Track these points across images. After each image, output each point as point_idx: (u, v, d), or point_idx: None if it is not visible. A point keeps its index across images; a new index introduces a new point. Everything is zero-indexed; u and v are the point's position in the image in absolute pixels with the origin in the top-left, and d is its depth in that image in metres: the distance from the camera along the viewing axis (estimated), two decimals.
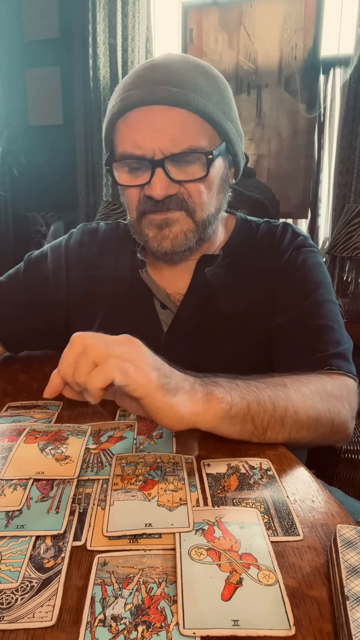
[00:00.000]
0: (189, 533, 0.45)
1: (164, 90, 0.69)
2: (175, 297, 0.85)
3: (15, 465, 0.55)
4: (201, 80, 0.72)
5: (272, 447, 0.61)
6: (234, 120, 0.78)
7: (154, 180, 0.71)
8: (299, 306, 0.80)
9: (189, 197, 0.74)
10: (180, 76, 0.71)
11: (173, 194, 0.73)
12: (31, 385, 0.81)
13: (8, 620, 0.37)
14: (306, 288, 0.81)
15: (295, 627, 0.36)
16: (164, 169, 0.71)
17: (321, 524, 0.47)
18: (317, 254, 0.86)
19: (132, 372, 0.51)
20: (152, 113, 0.70)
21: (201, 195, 0.74)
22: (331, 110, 2.58)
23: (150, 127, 0.71)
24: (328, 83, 2.56)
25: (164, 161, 0.70)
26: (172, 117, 0.70)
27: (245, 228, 0.89)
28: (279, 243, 0.85)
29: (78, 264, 0.90)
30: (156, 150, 0.70)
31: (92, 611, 0.37)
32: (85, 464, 0.56)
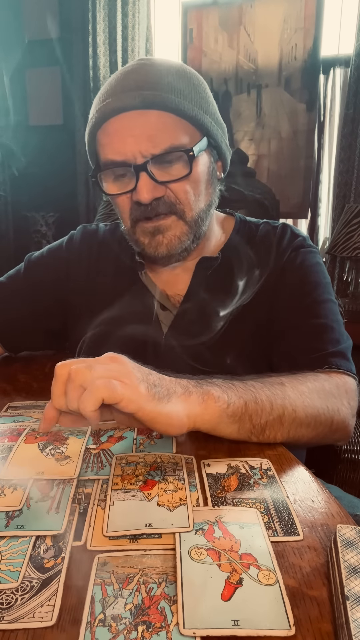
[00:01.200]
0: (189, 533, 0.45)
1: (136, 95, 0.70)
2: (174, 299, 0.85)
3: (15, 466, 0.55)
4: (174, 80, 0.73)
5: (272, 447, 0.61)
6: (213, 114, 0.78)
7: (139, 185, 0.72)
8: (298, 306, 0.80)
9: (176, 199, 0.74)
10: (151, 79, 0.72)
11: (160, 197, 0.73)
12: (31, 385, 0.81)
13: (8, 620, 0.37)
14: (305, 288, 0.81)
15: (295, 627, 0.36)
16: (148, 172, 0.71)
17: (321, 524, 0.47)
18: (316, 254, 0.86)
19: (120, 389, 0.51)
20: (129, 118, 0.71)
21: (188, 194, 0.75)
22: (331, 110, 2.57)
23: (128, 132, 0.71)
24: (328, 83, 2.56)
25: (147, 164, 0.71)
26: (149, 120, 0.71)
27: (244, 229, 0.89)
28: (278, 243, 0.85)
29: (78, 265, 0.90)
30: (137, 155, 0.71)
31: (92, 611, 0.37)
32: (85, 464, 0.56)
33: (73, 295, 0.89)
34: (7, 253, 3.37)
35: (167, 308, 0.84)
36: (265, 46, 2.61)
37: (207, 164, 0.78)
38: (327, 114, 2.59)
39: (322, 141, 2.62)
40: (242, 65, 2.67)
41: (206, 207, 0.79)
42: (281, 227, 0.88)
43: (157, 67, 0.74)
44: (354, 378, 0.75)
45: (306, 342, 0.77)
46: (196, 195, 0.76)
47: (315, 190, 2.67)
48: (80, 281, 0.89)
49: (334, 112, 2.57)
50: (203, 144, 0.75)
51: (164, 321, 0.84)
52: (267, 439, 0.62)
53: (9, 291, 0.90)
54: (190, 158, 0.72)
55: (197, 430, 0.58)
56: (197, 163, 0.74)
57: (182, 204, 0.75)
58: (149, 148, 0.70)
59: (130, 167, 0.72)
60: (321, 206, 2.68)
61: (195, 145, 0.73)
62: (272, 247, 0.85)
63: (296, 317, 0.79)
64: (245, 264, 0.84)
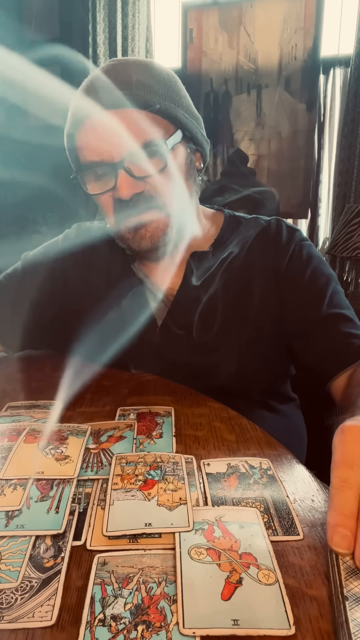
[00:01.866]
0: (189, 533, 0.45)
1: (107, 96, 0.72)
2: (168, 292, 0.86)
3: (15, 465, 0.55)
4: (142, 77, 0.74)
5: (272, 447, 0.61)
6: (186, 106, 0.79)
7: (118, 182, 0.73)
8: (319, 302, 0.80)
9: (155, 192, 0.76)
10: (119, 79, 0.73)
11: (140, 192, 0.75)
12: (31, 385, 0.81)
13: (8, 620, 0.37)
14: (320, 282, 0.82)
15: (295, 626, 0.36)
16: (125, 169, 0.73)
17: (321, 524, 0.47)
18: (312, 246, 0.88)
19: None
20: (101, 119, 0.73)
21: (166, 187, 0.76)
22: (331, 110, 2.58)
23: (102, 132, 0.73)
24: (328, 83, 2.56)
25: (123, 162, 0.72)
26: (121, 118, 0.72)
27: (234, 223, 0.90)
28: (276, 238, 0.86)
29: (73, 262, 0.91)
30: (113, 153, 0.73)
31: (91, 611, 0.37)
32: (85, 463, 0.56)
33: (69, 291, 0.90)
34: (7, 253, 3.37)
35: (162, 301, 0.85)
36: (265, 46, 2.61)
37: (183, 155, 0.79)
38: (327, 114, 2.59)
39: (322, 141, 2.62)
40: (242, 65, 2.67)
41: (186, 198, 0.80)
42: (275, 222, 0.89)
43: (127, 66, 0.76)
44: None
45: (337, 335, 0.78)
46: (175, 187, 0.77)
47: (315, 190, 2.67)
48: (76, 278, 0.90)
49: (334, 112, 2.58)
50: (177, 136, 0.77)
51: (158, 315, 0.85)
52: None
53: (7, 290, 0.91)
54: (165, 151, 0.74)
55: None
56: (174, 155, 0.76)
57: (162, 196, 0.76)
58: (124, 146, 0.72)
59: (108, 166, 0.73)
60: (321, 206, 2.68)
61: (169, 139, 0.75)
62: (271, 243, 0.86)
63: (320, 313, 0.79)
64: (237, 258, 0.85)
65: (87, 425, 0.65)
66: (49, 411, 0.71)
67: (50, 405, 0.73)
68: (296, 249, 0.84)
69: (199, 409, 0.70)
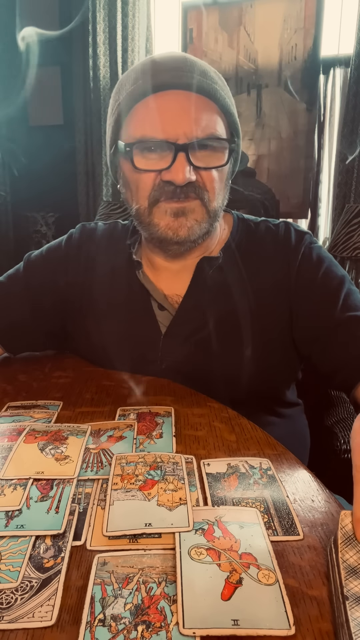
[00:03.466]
0: (189, 533, 0.45)
1: (190, 76, 0.70)
2: (173, 299, 0.84)
3: (15, 465, 0.55)
4: (214, 75, 0.75)
5: (272, 447, 0.61)
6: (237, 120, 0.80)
7: (176, 166, 0.70)
8: (333, 306, 0.78)
9: (204, 186, 0.74)
10: (201, 66, 0.73)
11: (192, 181, 0.73)
12: (31, 385, 0.81)
13: (8, 620, 0.37)
14: (333, 284, 0.80)
15: (295, 626, 0.36)
16: (187, 155, 0.70)
17: (321, 524, 0.47)
18: (321, 247, 0.86)
19: None
20: (179, 97, 0.71)
21: (215, 185, 0.75)
22: (331, 110, 2.58)
23: (177, 110, 0.70)
24: (328, 83, 2.56)
25: (188, 146, 0.70)
26: (198, 103, 0.71)
27: (243, 227, 0.88)
28: (286, 242, 0.84)
29: (77, 264, 0.90)
30: (180, 135, 0.70)
31: (91, 611, 0.37)
32: (85, 463, 0.56)
33: (72, 294, 0.89)
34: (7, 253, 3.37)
35: (166, 308, 0.83)
36: (265, 46, 2.61)
37: (230, 162, 0.78)
38: (327, 114, 2.59)
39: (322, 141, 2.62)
40: (242, 65, 2.67)
41: (223, 204, 0.80)
42: (284, 225, 0.87)
43: (200, 60, 0.75)
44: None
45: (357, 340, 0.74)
46: (220, 189, 0.77)
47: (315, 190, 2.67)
48: (79, 280, 0.89)
49: (334, 112, 2.57)
50: (236, 142, 0.77)
51: (162, 322, 0.83)
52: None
53: (9, 291, 0.90)
54: (231, 150, 0.74)
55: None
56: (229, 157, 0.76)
57: (209, 191, 0.75)
58: (194, 131, 0.70)
59: (171, 146, 0.70)
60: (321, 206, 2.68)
61: (234, 140, 0.76)
62: (280, 247, 0.83)
63: (336, 316, 0.77)
64: (248, 263, 0.83)
65: (87, 425, 0.65)
66: (49, 411, 0.71)
67: (50, 405, 0.73)
68: (306, 252, 0.82)
69: (199, 409, 0.70)
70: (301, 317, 0.80)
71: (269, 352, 0.81)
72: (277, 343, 0.82)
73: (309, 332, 0.79)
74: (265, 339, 0.80)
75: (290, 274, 0.81)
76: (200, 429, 0.65)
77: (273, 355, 0.81)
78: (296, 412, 0.92)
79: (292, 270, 0.81)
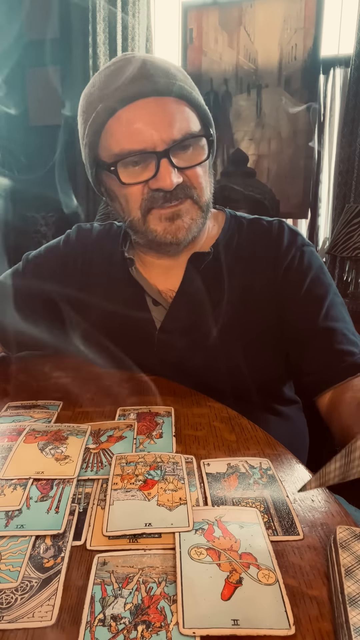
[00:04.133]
0: (189, 533, 0.45)
1: (153, 81, 0.70)
2: (167, 294, 0.85)
3: (15, 465, 0.55)
4: (174, 70, 0.74)
5: (272, 447, 0.61)
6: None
7: (162, 172, 0.71)
8: (315, 311, 0.79)
9: (191, 184, 0.75)
10: (159, 68, 0.72)
11: (180, 183, 0.73)
12: (31, 385, 0.81)
13: (8, 619, 0.37)
14: (319, 292, 0.81)
15: (295, 626, 0.36)
16: (169, 159, 0.71)
17: (321, 524, 0.47)
18: (314, 251, 0.86)
19: None
20: (148, 105, 0.71)
21: (202, 180, 0.76)
22: (331, 110, 2.57)
23: (149, 118, 0.70)
24: (328, 83, 2.55)
25: (168, 151, 0.71)
26: (167, 106, 0.71)
27: (235, 224, 0.89)
28: (278, 241, 0.85)
29: (74, 263, 0.91)
30: (158, 142, 0.70)
31: (91, 611, 0.37)
32: (85, 463, 0.56)
33: (70, 293, 0.90)
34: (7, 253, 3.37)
35: (160, 303, 0.85)
36: (265, 46, 2.60)
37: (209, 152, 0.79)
38: (327, 114, 2.59)
39: (322, 141, 2.62)
40: (242, 65, 2.66)
41: (211, 195, 0.80)
42: (277, 224, 0.88)
43: (154, 58, 0.75)
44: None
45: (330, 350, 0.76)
46: (206, 182, 0.77)
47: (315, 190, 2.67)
48: (76, 279, 0.90)
49: (334, 112, 2.57)
50: (212, 132, 0.77)
51: (156, 317, 0.85)
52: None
53: (7, 290, 0.91)
54: (210, 142, 0.75)
55: None
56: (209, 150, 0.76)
57: (196, 188, 0.75)
58: (170, 134, 0.71)
59: (152, 154, 0.71)
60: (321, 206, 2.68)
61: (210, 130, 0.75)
62: (271, 245, 0.85)
63: (317, 323, 0.78)
64: (238, 259, 0.84)
65: (87, 425, 0.65)
66: (49, 411, 0.71)
67: (50, 405, 0.73)
68: (297, 255, 0.83)
69: (199, 409, 0.70)
70: (286, 318, 0.82)
71: (261, 345, 0.82)
72: (269, 336, 0.83)
73: (290, 331, 0.81)
74: (256, 332, 0.82)
75: (278, 274, 0.82)
76: (200, 429, 0.65)
77: (264, 349, 0.83)
78: (295, 411, 0.93)
79: (280, 272, 0.82)
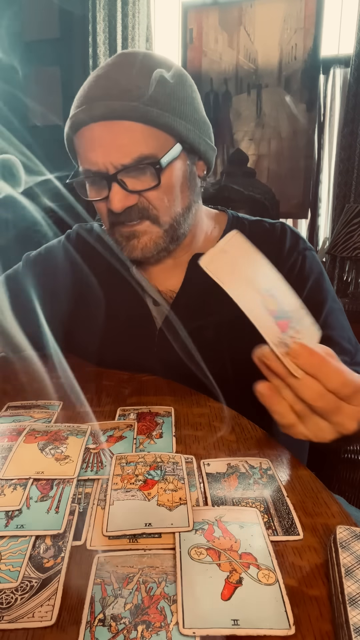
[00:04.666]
0: (189, 532, 0.45)
1: (103, 105, 0.69)
2: (167, 294, 0.86)
3: (15, 465, 0.55)
4: (144, 84, 0.70)
5: (272, 447, 0.61)
6: (189, 115, 0.75)
7: (111, 195, 0.72)
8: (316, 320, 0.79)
9: (148, 205, 0.74)
10: (120, 86, 0.70)
11: (132, 205, 0.73)
12: (31, 385, 0.81)
13: (8, 620, 0.37)
14: (317, 298, 0.81)
15: (295, 626, 0.36)
16: (119, 182, 0.71)
17: (321, 524, 0.47)
18: (315, 256, 0.87)
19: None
20: (98, 129, 0.71)
21: (161, 202, 0.75)
22: (331, 110, 2.57)
23: (98, 143, 0.71)
24: (328, 83, 2.56)
25: (117, 175, 0.71)
26: (117, 131, 0.70)
27: (237, 224, 0.89)
28: (280, 244, 0.85)
29: (74, 263, 0.92)
30: (108, 165, 0.71)
31: (91, 611, 0.37)
32: (85, 463, 0.56)
33: (70, 292, 0.91)
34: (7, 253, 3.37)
35: (160, 304, 0.85)
36: (265, 46, 2.61)
37: (181, 168, 0.76)
38: (327, 114, 2.59)
39: (322, 141, 2.62)
40: (242, 65, 2.66)
41: (184, 210, 0.79)
42: (280, 226, 0.88)
43: (129, 68, 0.72)
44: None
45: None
46: (170, 201, 0.76)
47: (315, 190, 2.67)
48: (76, 279, 0.91)
49: (334, 112, 2.57)
50: (175, 150, 0.74)
51: (157, 317, 0.85)
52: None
53: (7, 290, 0.91)
54: (158, 170, 0.72)
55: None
56: (170, 171, 0.74)
57: (156, 209, 0.75)
58: (119, 158, 0.70)
59: (104, 178, 0.72)
60: (321, 206, 2.68)
61: (165, 155, 0.72)
62: (274, 249, 0.84)
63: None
64: None
65: (87, 425, 0.65)
66: (49, 411, 0.71)
67: (50, 405, 0.73)
68: (298, 260, 0.83)
69: (199, 409, 0.70)
70: None
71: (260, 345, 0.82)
72: None
73: None
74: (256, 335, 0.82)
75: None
76: (200, 429, 0.65)
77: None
78: None
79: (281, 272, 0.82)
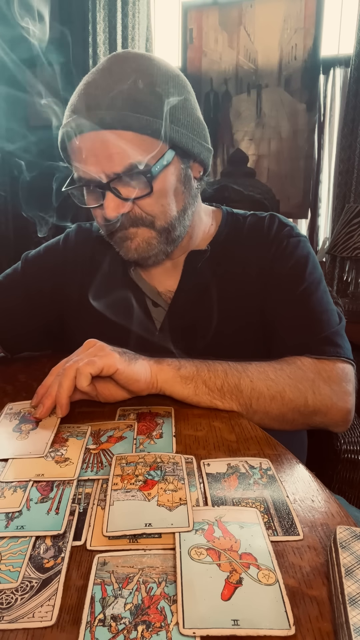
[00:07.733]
0: (189, 533, 0.45)
1: (93, 115, 0.70)
2: (166, 295, 0.86)
3: (15, 468, 0.55)
4: (134, 91, 0.70)
5: (272, 447, 0.61)
6: (181, 119, 0.74)
7: (105, 203, 0.73)
8: (287, 298, 0.81)
9: (141, 212, 0.75)
10: (109, 95, 0.70)
11: (127, 212, 0.74)
12: (31, 385, 0.80)
13: (8, 620, 0.37)
14: (295, 279, 0.82)
15: (295, 626, 0.36)
16: (112, 191, 0.72)
17: (321, 524, 0.47)
18: (305, 242, 0.86)
19: (99, 361, 0.63)
20: (88, 139, 0.71)
21: (155, 208, 0.75)
22: (331, 110, 2.57)
23: (89, 152, 0.71)
24: (328, 83, 2.55)
25: (110, 184, 0.72)
26: (107, 140, 0.70)
27: (231, 220, 0.90)
28: (267, 234, 0.86)
29: (74, 263, 0.91)
30: (101, 175, 0.72)
31: (92, 611, 0.37)
32: (85, 464, 0.56)
33: (69, 292, 0.90)
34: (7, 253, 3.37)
35: (159, 304, 0.85)
36: (265, 46, 2.60)
37: (175, 173, 0.76)
38: (327, 114, 2.58)
39: (322, 141, 2.62)
40: (242, 65, 2.66)
41: (179, 213, 0.79)
42: (269, 217, 0.88)
43: (120, 75, 0.71)
44: (348, 363, 0.76)
45: (293, 334, 0.79)
46: (165, 206, 0.76)
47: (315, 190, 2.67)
48: (76, 279, 0.90)
49: (334, 112, 2.57)
50: (168, 156, 0.74)
51: (156, 318, 0.85)
52: (231, 406, 0.68)
53: (7, 290, 0.91)
54: (149, 179, 0.72)
55: (162, 392, 0.69)
56: (163, 177, 0.74)
57: (150, 215, 0.75)
58: (111, 167, 0.71)
59: (97, 186, 0.73)
60: (321, 206, 2.68)
61: (157, 163, 0.72)
62: (262, 237, 0.85)
63: (285, 309, 0.81)
64: (235, 256, 0.85)
65: (87, 425, 0.65)
66: None
67: None
68: (281, 245, 0.83)
69: (199, 409, 0.70)
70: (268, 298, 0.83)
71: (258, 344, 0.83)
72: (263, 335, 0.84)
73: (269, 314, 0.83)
74: (252, 330, 0.84)
75: (266, 264, 0.83)
76: (200, 429, 0.65)
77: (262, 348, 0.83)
78: None
79: (267, 261, 0.83)
